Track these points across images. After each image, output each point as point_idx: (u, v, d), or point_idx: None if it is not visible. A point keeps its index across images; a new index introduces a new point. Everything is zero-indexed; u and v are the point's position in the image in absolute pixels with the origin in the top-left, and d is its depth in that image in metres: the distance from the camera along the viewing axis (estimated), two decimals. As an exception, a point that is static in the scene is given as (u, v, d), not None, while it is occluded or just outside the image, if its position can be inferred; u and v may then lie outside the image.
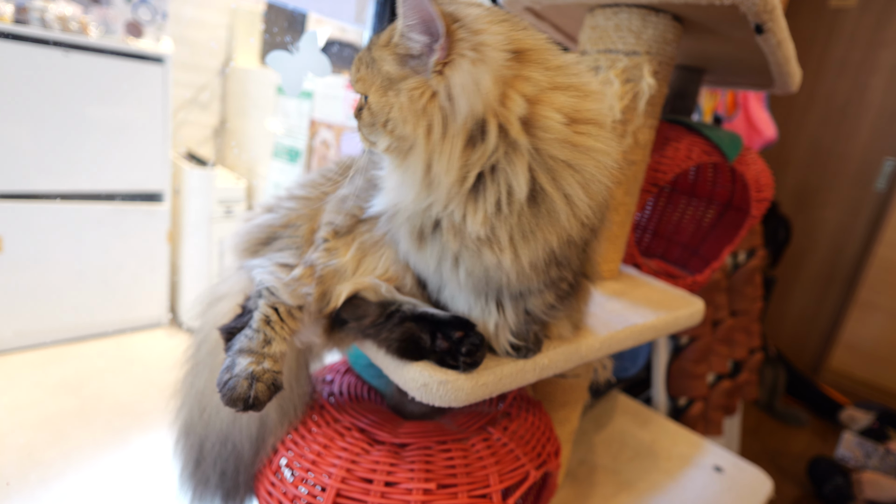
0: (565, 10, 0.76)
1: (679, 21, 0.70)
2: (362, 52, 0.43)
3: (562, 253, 0.42)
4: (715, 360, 1.52)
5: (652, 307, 0.74)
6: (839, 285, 2.89)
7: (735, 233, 1.01)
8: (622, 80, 0.69)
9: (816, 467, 1.90)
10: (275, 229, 0.54)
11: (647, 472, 1.02)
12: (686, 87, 0.99)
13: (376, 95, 0.41)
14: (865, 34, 2.74)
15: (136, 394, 1.69)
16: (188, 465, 0.58)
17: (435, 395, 0.46)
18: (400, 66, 0.39)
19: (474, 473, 0.55)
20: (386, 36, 0.41)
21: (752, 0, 0.58)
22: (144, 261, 2.01)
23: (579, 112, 0.39)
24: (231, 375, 0.46)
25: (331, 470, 0.54)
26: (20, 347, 1.75)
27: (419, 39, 0.37)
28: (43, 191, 1.71)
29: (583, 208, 0.39)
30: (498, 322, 0.49)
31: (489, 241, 0.41)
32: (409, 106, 0.38)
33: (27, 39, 1.58)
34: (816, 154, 2.93)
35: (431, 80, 0.37)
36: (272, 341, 0.48)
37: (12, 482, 1.25)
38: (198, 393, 0.57)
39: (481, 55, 0.36)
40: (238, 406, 0.45)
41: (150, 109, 1.88)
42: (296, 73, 0.62)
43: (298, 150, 1.84)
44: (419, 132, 0.38)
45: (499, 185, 0.38)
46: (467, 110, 0.36)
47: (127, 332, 2.02)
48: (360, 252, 0.51)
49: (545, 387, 0.82)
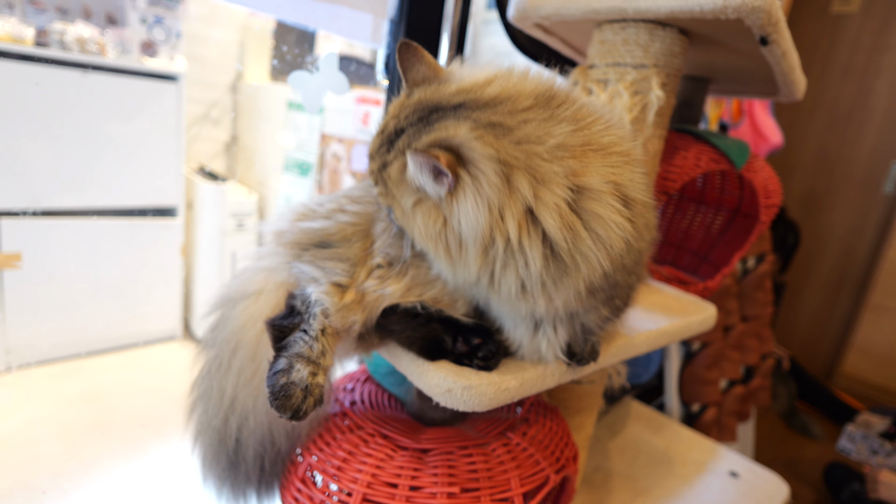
0: (574, 25, 0.78)
1: (685, 34, 0.72)
2: (375, 169, 0.48)
3: (598, 286, 0.45)
4: (727, 366, 1.52)
5: (665, 313, 0.75)
6: (850, 289, 2.87)
7: (745, 239, 1.02)
8: (631, 93, 0.71)
9: (833, 473, 1.88)
10: (330, 237, 0.54)
11: (662, 479, 1.02)
12: (692, 96, 1.01)
13: (398, 212, 0.47)
14: (868, 39, 2.76)
15: (152, 405, 1.71)
16: (220, 460, 0.59)
17: (459, 400, 0.48)
18: (413, 196, 0.44)
19: (496, 478, 0.57)
20: (396, 169, 0.45)
21: (757, 14, 0.60)
22: (158, 274, 2.05)
23: (580, 188, 0.42)
24: (289, 380, 0.46)
25: (356, 475, 0.56)
26: (39, 361, 1.78)
27: (429, 183, 0.41)
28: (61, 207, 1.75)
29: (602, 261, 0.42)
30: (550, 340, 0.51)
31: (522, 295, 0.45)
32: (425, 229, 0.44)
33: (48, 61, 1.63)
34: (823, 159, 2.93)
35: (443, 207, 0.42)
36: (326, 353, 0.49)
37: (32, 493, 1.27)
38: (230, 387, 0.57)
39: (481, 188, 0.40)
40: (286, 414, 0.45)
41: (164, 126, 1.93)
42: (316, 91, 0.64)
43: (310, 163, 1.88)
44: (439, 250, 0.44)
45: (517, 263, 0.43)
46: (474, 233, 0.41)
47: (141, 345, 2.05)
48: (411, 283, 0.52)
49: (561, 393, 0.83)
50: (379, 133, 0.48)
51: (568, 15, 0.73)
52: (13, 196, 1.65)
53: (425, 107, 0.45)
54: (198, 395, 0.60)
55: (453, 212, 0.42)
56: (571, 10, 0.72)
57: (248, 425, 0.57)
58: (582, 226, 0.41)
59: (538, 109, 0.44)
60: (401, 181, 0.44)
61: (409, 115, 0.46)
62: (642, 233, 0.46)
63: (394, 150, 0.45)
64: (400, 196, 0.45)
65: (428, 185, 0.42)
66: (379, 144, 0.48)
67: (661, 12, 0.64)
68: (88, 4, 1.86)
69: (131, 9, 1.84)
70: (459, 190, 0.41)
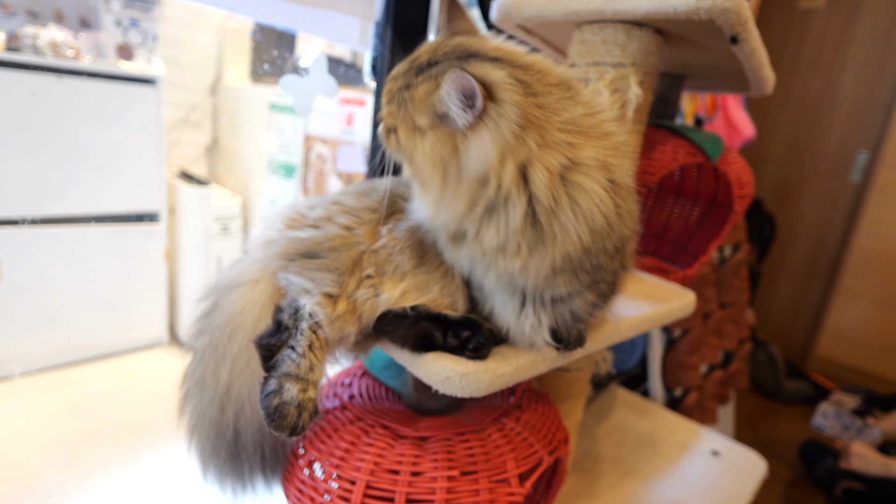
0: (554, 26, 0.81)
1: (661, 34, 0.75)
2: (394, 88, 0.49)
3: (578, 265, 0.47)
4: (707, 352, 1.57)
5: (648, 300, 0.79)
6: (822, 275, 2.98)
7: (720, 228, 1.06)
8: (611, 91, 0.74)
9: (808, 451, 1.96)
10: (318, 247, 0.55)
11: (649, 460, 1.06)
12: (668, 92, 1.05)
13: (404, 133, 0.48)
14: (834, 34, 2.86)
15: (141, 413, 1.70)
16: (220, 452, 0.59)
17: (457, 387, 0.50)
18: (431, 119, 0.46)
19: (493, 461, 0.59)
20: (423, 90, 0.46)
21: (727, 14, 0.63)
22: (142, 281, 2.03)
23: (574, 162, 0.45)
24: (281, 401, 0.47)
25: (359, 464, 0.58)
26: (23, 373, 1.75)
27: (457, 106, 0.43)
28: (40, 216, 1.73)
29: (582, 234, 0.45)
30: (532, 324, 0.53)
31: (503, 250, 0.47)
32: (432, 152, 0.45)
33: (20, 66, 1.60)
34: (794, 150, 3.03)
35: (457, 137, 0.44)
36: (314, 368, 0.50)
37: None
38: (225, 374, 0.57)
39: (499, 128, 0.43)
40: (284, 432, 0.47)
41: (143, 130, 1.91)
42: (307, 94, 0.66)
43: (294, 165, 1.88)
44: (436, 175, 0.46)
45: (500, 215, 0.46)
46: (476, 167, 0.44)
47: (127, 352, 2.02)
48: (407, 289, 0.54)
49: (550, 381, 0.86)
50: (408, 62, 0.50)
51: (549, 16, 0.76)
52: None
53: (465, 50, 0.48)
54: (191, 386, 0.59)
55: (468, 142, 0.44)
56: (552, 11, 0.75)
57: (245, 414, 0.57)
58: (565, 194, 0.45)
59: (561, 88, 0.48)
60: (423, 102, 0.46)
61: (447, 52, 0.48)
62: (625, 219, 0.49)
63: (424, 75, 0.47)
64: (416, 115, 0.46)
65: (454, 109, 0.43)
66: (406, 69, 0.49)
67: (637, 13, 0.67)
68: (60, 7, 1.83)
69: (105, 12, 1.82)
70: (482, 123, 0.43)
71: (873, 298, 2.76)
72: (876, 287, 2.74)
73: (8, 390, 1.68)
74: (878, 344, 2.76)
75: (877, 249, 2.72)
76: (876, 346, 2.77)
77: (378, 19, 0.77)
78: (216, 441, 0.59)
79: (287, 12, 0.65)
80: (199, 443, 0.60)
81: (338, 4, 0.69)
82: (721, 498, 0.99)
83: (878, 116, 2.75)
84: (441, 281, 0.56)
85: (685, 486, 1.01)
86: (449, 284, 0.57)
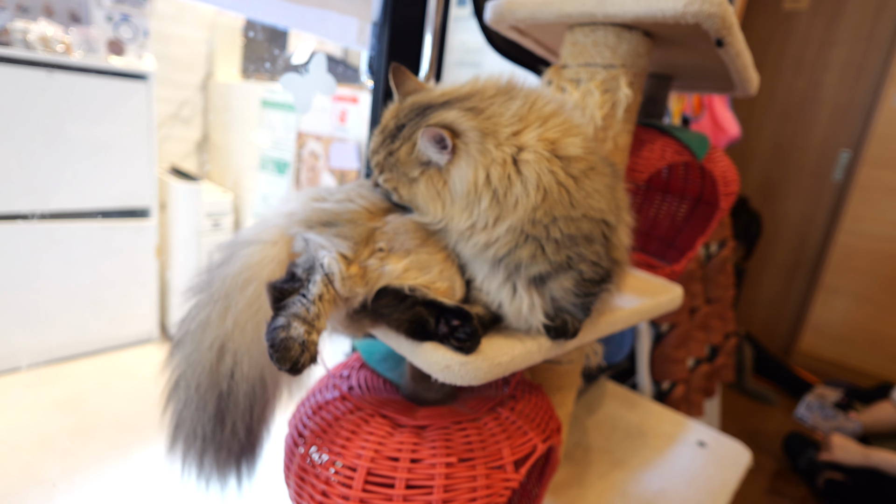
0: (547, 28, 0.83)
1: (649, 36, 0.78)
2: (380, 160, 0.59)
3: (538, 232, 0.54)
4: (694, 346, 1.61)
5: (637, 294, 0.81)
6: (805, 272, 3.05)
7: (707, 225, 1.09)
8: (602, 91, 0.76)
9: (791, 443, 2.02)
10: (338, 217, 0.58)
11: (637, 450, 1.10)
12: (657, 92, 1.08)
13: (403, 188, 0.57)
14: (817, 35, 2.92)
15: (132, 409, 1.70)
16: (207, 407, 0.57)
17: (457, 375, 0.52)
18: (419, 169, 0.55)
19: (489, 448, 0.61)
20: (404, 151, 0.56)
21: (713, 19, 0.66)
22: (133, 277, 2.02)
23: (520, 147, 0.54)
24: (288, 335, 0.49)
25: (360, 452, 0.60)
26: (12, 369, 1.74)
27: (434, 152, 0.53)
28: (29, 211, 1.71)
29: (531, 197, 0.53)
30: (528, 305, 0.58)
31: (473, 229, 0.55)
32: (427, 192, 0.55)
33: (10, 61, 1.59)
34: (778, 149, 3.09)
35: (443, 172, 0.54)
36: (321, 317, 0.52)
37: (15, 501, 1.26)
38: (230, 320, 0.56)
39: (469, 152, 0.53)
40: (285, 365, 0.49)
41: (134, 126, 1.90)
42: (306, 92, 0.67)
43: (286, 161, 1.89)
44: (438, 206, 0.55)
45: (475, 206, 0.54)
46: (463, 188, 0.53)
47: (118, 348, 2.02)
48: (410, 266, 0.57)
49: (542, 373, 0.88)
50: (380, 132, 0.59)
51: (542, 18, 0.78)
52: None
53: (419, 107, 0.57)
54: (192, 328, 0.57)
55: (451, 173, 0.54)
56: (545, 14, 0.77)
57: (242, 367, 0.56)
58: (515, 171, 0.53)
59: (500, 96, 0.56)
60: (408, 160, 0.56)
61: (406, 114, 0.57)
62: (590, 193, 0.54)
63: (399, 139, 0.57)
64: (407, 171, 0.56)
65: (433, 155, 0.53)
66: (382, 140, 0.58)
67: (627, 17, 0.70)
68: (50, 2, 1.82)
69: (96, 7, 1.80)
70: (456, 156, 0.53)
71: (854, 295, 2.83)
72: (857, 284, 2.81)
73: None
74: (859, 339, 2.83)
75: (858, 247, 2.79)
76: (857, 342, 2.84)
77: (375, 19, 0.78)
78: (206, 392, 0.56)
79: (286, 11, 0.66)
80: (184, 395, 0.57)
81: (336, 4, 0.70)
82: (707, 486, 1.02)
83: (860, 116, 2.82)
84: (441, 264, 0.59)
85: (672, 475, 1.04)
86: (448, 268, 0.59)
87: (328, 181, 1.72)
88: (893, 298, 2.71)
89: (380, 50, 0.81)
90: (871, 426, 1.96)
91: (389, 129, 0.58)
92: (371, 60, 0.83)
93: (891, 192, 2.69)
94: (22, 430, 1.50)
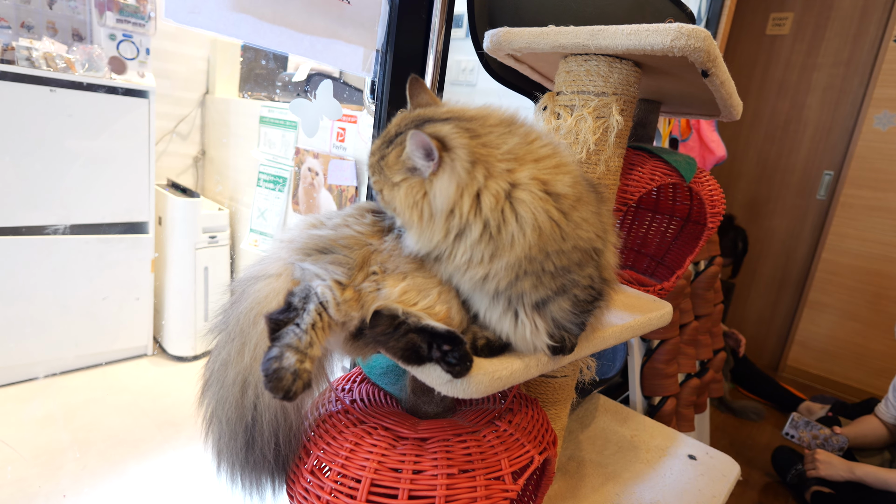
0: (542, 56, 0.88)
1: (639, 66, 0.82)
2: (374, 162, 0.61)
3: (536, 266, 0.56)
4: (683, 361, 1.65)
5: (628, 311, 0.85)
6: (791, 288, 3.11)
7: (695, 243, 1.14)
8: (594, 117, 0.81)
9: (779, 457, 2.05)
10: (334, 244, 0.61)
11: (629, 464, 1.12)
12: (646, 117, 1.12)
13: (387, 191, 0.59)
14: (799, 58, 3.02)
15: (126, 424, 1.69)
16: (237, 437, 0.61)
17: (459, 389, 0.55)
18: (403, 175, 0.57)
19: (488, 459, 0.64)
20: (394, 155, 0.58)
21: (698, 53, 0.71)
22: (129, 291, 2.02)
23: (514, 183, 0.55)
24: (280, 366, 0.52)
25: (364, 464, 0.62)
26: (5, 383, 1.73)
27: (420, 159, 0.54)
28: (28, 225, 1.72)
29: (528, 237, 0.54)
30: (532, 329, 0.60)
31: (470, 262, 0.57)
32: (406, 198, 0.56)
33: (13, 77, 1.62)
34: (763, 168, 3.18)
35: (425, 184, 0.55)
36: (314, 345, 0.55)
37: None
38: (248, 356, 0.60)
39: (454, 170, 0.54)
40: (278, 395, 0.52)
41: (134, 142, 1.92)
42: (313, 116, 0.71)
43: (284, 177, 1.91)
44: (414, 217, 0.56)
45: (465, 237, 0.56)
46: (442, 204, 0.55)
47: (112, 363, 2.01)
48: (408, 288, 0.60)
49: (538, 387, 0.91)
50: (382, 136, 0.61)
51: (537, 48, 0.82)
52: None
53: (421, 118, 0.60)
54: (215, 368, 0.62)
55: (433, 186, 0.55)
56: (540, 44, 0.81)
57: (264, 397, 0.60)
58: (510, 209, 0.54)
59: (501, 127, 0.58)
60: (395, 164, 0.57)
61: (407, 123, 0.60)
62: (579, 224, 0.57)
63: (393, 144, 0.58)
64: (391, 175, 0.58)
65: (419, 162, 0.54)
66: (380, 143, 0.61)
67: (618, 49, 0.74)
68: (54, 20, 1.85)
69: (99, 25, 1.84)
70: (440, 169, 0.54)
71: (839, 310, 2.89)
72: (841, 300, 2.88)
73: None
74: (844, 354, 2.89)
75: (842, 263, 2.86)
76: (842, 357, 2.90)
77: (379, 47, 0.82)
78: (236, 425, 0.61)
79: (296, 41, 0.70)
80: (217, 429, 0.62)
81: (343, 34, 0.74)
82: (697, 499, 1.05)
83: (842, 138, 2.91)
84: (439, 287, 0.61)
85: (664, 488, 1.06)
86: (446, 293, 0.62)
87: (326, 197, 1.75)
88: (877, 314, 2.77)
89: (382, 76, 0.85)
90: (856, 440, 1.99)
91: (389, 135, 0.60)
92: (374, 85, 0.87)
93: (872, 211, 2.77)
94: (14, 445, 1.49)
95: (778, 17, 3.06)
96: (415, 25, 0.87)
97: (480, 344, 0.62)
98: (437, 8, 0.88)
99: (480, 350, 0.62)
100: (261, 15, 0.67)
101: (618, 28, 0.73)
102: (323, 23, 0.72)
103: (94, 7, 1.85)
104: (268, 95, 2.35)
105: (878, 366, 2.76)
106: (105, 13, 1.82)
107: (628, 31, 0.72)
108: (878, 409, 2.01)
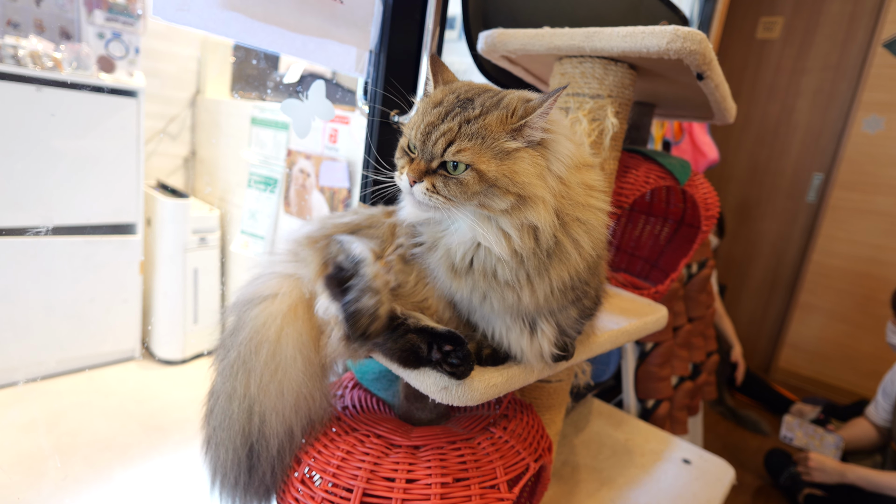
0: (537, 58, 0.87)
1: (634, 69, 0.82)
2: (453, 127, 0.50)
3: (574, 282, 0.55)
4: (677, 364, 1.64)
5: (624, 315, 0.84)
6: (782, 290, 3.13)
7: (689, 246, 1.13)
8: (589, 120, 0.80)
9: (772, 459, 2.05)
10: (358, 226, 0.64)
11: (624, 468, 1.11)
12: (640, 119, 1.12)
13: (492, 164, 0.49)
14: (789, 63, 3.04)
15: (113, 428, 1.66)
16: (241, 462, 0.61)
17: (454, 396, 0.54)
18: (514, 141, 0.50)
19: (483, 468, 0.63)
20: (495, 118, 0.49)
21: (694, 55, 0.70)
22: (116, 293, 1.99)
23: (590, 182, 0.56)
24: (358, 307, 0.54)
25: (356, 472, 0.60)
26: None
27: (539, 126, 0.49)
28: (13, 226, 1.69)
29: (587, 249, 0.54)
30: (530, 338, 0.59)
31: (511, 285, 0.54)
32: (533, 170, 0.50)
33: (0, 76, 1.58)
34: (754, 171, 3.20)
35: (538, 151, 0.51)
36: (383, 291, 0.57)
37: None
38: (254, 386, 0.59)
39: (560, 139, 0.53)
40: (356, 332, 0.54)
41: (122, 142, 1.89)
42: (306, 117, 0.69)
43: (275, 178, 1.89)
44: (545, 190, 0.50)
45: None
46: (560, 172, 0.52)
47: (99, 366, 1.97)
48: (417, 278, 0.61)
49: (532, 392, 0.90)
50: (435, 106, 0.52)
51: (532, 50, 0.81)
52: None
53: (478, 87, 0.55)
54: (220, 399, 0.61)
55: (549, 153, 0.52)
56: (536, 46, 0.80)
57: (269, 423, 0.60)
58: (564, 233, 0.53)
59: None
60: (502, 129, 0.49)
61: (466, 91, 0.54)
62: (595, 237, 0.57)
63: (474, 107, 0.51)
64: (500, 143, 0.49)
65: (536, 133, 0.50)
66: (444, 113, 0.51)
67: (614, 51, 0.74)
68: (41, 18, 1.82)
69: (88, 24, 1.81)
70: (552, 136, 0.52)
71: (829, 312, 2.91)
72: (831, 302, 2.90)
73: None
74: (835, 356, 2.90)
75: (832, 265, 2.89)
76: (833, 358, 2.91)
77: (373, 48, 0.81)
78: (240, 448, 0.60)
79: (288, 41, 0.68)
80: (219, 453, 0.61)
81: (336, 34, 0.73)
82: (692, 503, 1.04)
83: (831, 141, 2.93)
84: (425, 288, 0.62)
85: (658, 493, 1.06)
86: (430, 294, 0.62)
87: (318, 199, 1.73)
88: (866, 316, 2.79)
89: (375, 77, 0.83)
90: (847, 444, 2.00)
91: (449, 104, 0.52)
92: (366, 86, 0.86)
93: (861, 214, 2.79)
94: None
95: (768, 21, 3.08)
96: (408, 26, 0.86)
97: (486, 353, 0.61)
98: (431, 9, 0.87)
99: (485, 360, 0.61)
100: (252, 13, 0.66)
101: (613, 30, 0.72)
102: (315, 22, 0.70)
103: (83, 5, 1.82)
104: (259, 96, 2.33)
105: (869, 368, 2.78)
106: (94, 11, 1.79)
107: (624, 33, 0.72)
108: (868, 411, 2.02)
